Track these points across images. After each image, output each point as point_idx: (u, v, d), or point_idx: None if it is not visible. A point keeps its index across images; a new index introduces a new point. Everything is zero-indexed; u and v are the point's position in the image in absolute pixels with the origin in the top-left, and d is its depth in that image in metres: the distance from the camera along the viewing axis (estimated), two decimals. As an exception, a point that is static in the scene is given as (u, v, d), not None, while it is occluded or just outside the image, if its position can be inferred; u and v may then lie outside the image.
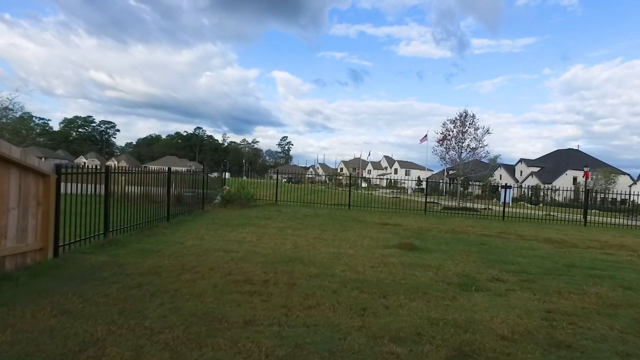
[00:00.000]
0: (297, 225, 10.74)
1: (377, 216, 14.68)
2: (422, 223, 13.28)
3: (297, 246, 7.90)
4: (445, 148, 22.41)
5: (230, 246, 7.53)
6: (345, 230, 10.45)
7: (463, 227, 12.63)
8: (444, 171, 67.20)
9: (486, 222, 15.20)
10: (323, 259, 6.84)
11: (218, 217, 11.71)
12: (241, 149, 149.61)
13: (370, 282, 5.59)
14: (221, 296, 4.62)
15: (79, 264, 5.69)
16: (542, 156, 74.39)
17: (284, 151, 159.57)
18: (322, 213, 14.36)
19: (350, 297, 4.87)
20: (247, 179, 29.18)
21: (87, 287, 4.64)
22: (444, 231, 11.33)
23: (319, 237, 9.12)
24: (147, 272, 5.42)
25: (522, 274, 6.42)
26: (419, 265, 6.81)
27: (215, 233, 8.94)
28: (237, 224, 10.46)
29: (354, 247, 8.16)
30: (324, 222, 11.92)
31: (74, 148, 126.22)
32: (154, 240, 7.74)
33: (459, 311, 4.51)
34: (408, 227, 11.72)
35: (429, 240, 9.47)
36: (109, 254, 6.35)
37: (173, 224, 9.91)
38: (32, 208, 5.47)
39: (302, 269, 6.11)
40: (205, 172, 14.31)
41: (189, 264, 6.00)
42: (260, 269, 5.93)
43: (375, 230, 10.79)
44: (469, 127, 21.76)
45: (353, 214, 15.04)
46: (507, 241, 9.99)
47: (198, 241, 7.89)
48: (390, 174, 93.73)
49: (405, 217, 15.17)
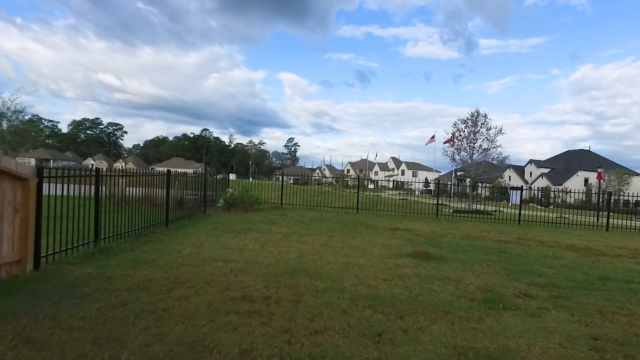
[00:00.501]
0: (303, 231, 10.14)
1: (387, 220, 14.04)
2: (434, 228, 12.63)
3: (303, 255, 7.31)
4: (457, 149, 21.71)
5: (231, 255, 6.96)
6: (354, 236, 9.84)
7: (478, 233, 11.95)
8: (452, 172, 66.55)
9: (501, 226, 14.49)
10: (331, 271, 6.25)
11: (220, 221, 11.15)
12: (248, 150, 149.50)
13: (384, 298, 4.98)
14: (215, 317, 4.04)
15: (61, 277, 5.15)
16: (552, 157, 73.10)
17: (290, 152, 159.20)
18: (330, 217, 13.76)
19: (362, 318, 4.27)
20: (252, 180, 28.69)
21: (63, 307, 4.08)
22: (459, 237, 10.67)
23: (327, 244, 8.53)
24: (135, 287, 4.87)
25: (552, 288, 5.76)
26: (437, 277, 6.18)
27: (215, 240, 8.38)
28: (240, 229, 9.89)
29: (365, 256, 7.55)
30: (332, 227, 11.31)
31: (82, 150, 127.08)
32: (148, 249, 7.19)
33: (488, 337, 3.89)
34: (420, 233, 11.08)
35: (444, 248, 8.83)
36: (97, 265, 5.80)
37: (172, 230, 9.37)
38: (7, 216, 4.94)
39: (308, 282, 5.52)
40: (207, 174, 13.75)
41: (183, 277, 5.43)
42: (261, 283, 5.35)
43: (386, 236, 10.16)
44: (480, 127, 21.07)
45: (362, 218, 14.41)
46: (528, 248, 9.31)
47: (196, 249, 7.33)
48: (397, 176, 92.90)
49: (416, 221, 14.52)
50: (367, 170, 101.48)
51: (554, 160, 70.28)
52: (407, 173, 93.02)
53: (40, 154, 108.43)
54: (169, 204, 9.95)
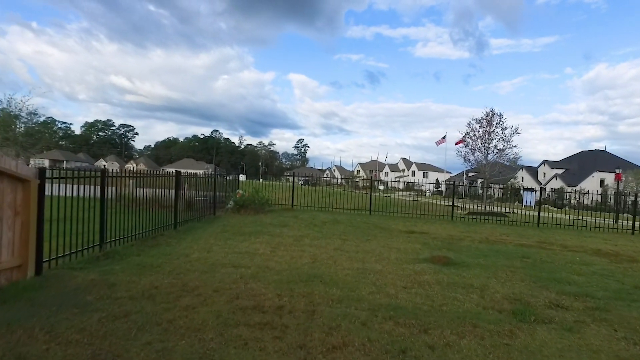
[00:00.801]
0: (316, 234, 9.80)
1: (401, 223, 13.63)
2: (450, 230, 12.19)
3: (316, 260, 6.97)
4: (471, 149, 21.13)
5: (241, 260, 6.65)
6: (368, 239, 9.47)
7: (497, 236, 11.49)
8: (463, 173, 65.68)
9: (520, 229, 13.98)
10: (346, 277, 5.90)
11: (230, 224, 10.87)
12: (257, 151, 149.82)
13: (405, 309, 4.62)
14: (224, 330, 3.73)
15: (63, 284, 4.88)
16: (566, 157, 71.73)
17: (300, 153, 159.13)
18: (342, 219, 13.40)
19: (383, 331, 3.92)
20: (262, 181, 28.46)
21: (61, 318, 3.80)
22: (477, 241, 10.23)
23: (340, 248, 8.17)
24: (139, 295, 4.57)
25: (586, 299, 5.33)
26: (459, 285, 5.80)
27: (225, 243, 8.08)
28: (250, 232, 9.59)
29: (381, 261, 7.18)
30: (345, 230, 10.96)
31: (95, 151, 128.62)
32: (155, 252, 6.91)
33: (525, 356, 3.51)
34: (437, 236, 10.66)
35: (463, 252, 8.42)
36: (101, 271, 5.53)
37: (180, 232, 9.11)
38: (7, 219, 4.69)
39: (323, 290, 5.18)
40: (216, 175, 13.49)
41: (190, 284, 5.14)
42: (273, 291, 5.03)
43: (401, 239, 9.78)
44: (495, 127, 20.47)
45: (375, 220, 14.02)
46: (552, 253, 8.84)
47: (205, 253, 7.04)
48: (408, 176, 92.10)
49: (431, 223, 14.08)
50: (377, 171, 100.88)
51: (568, 161, 68.95)
52: (417, 174, 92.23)
53: (54, 155, 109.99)
54: (177, 205, 9.69)
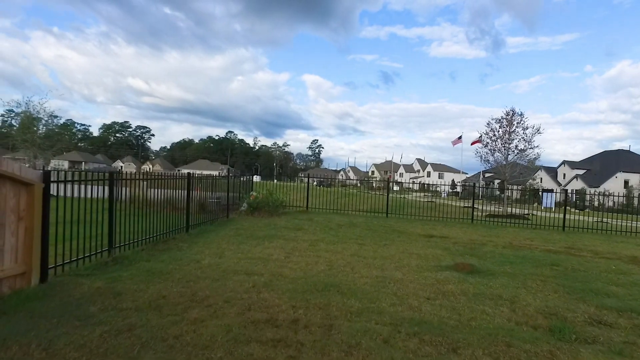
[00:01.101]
0: (332, 238, 9.46)
1: (420, 226, 13.18)
2: (471, 234, 11.70)
3: (333, 266, 6.62)
4: (490, 150, 20.51)
5: (254, 266, 6.35)
6: (386, 244, 9.08)
7: (521, 241, 10.95)
8: (480, 174, 64.42)
9: (544, 233, 13.37)
10: (365, 286, 5.54)
11: (243, 227, 10.61)
12: (272, 152, 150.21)
13: (430, 323, 4.24)
14: (235, 348, 3.42)
15: (67, 292, 4.64)
16: (587, 158, 69.86)
17: (314, 154, 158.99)
18: (358, 222, 13.02)
19: (408, 350, 3.56)
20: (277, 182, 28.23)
21: (61, 332, 3.55)
22: (501, 246, 9.74)
23: (357, 254, 7.81)
24: (146, 306, 4.30)
25: (631, 314, 4.86)
26: (487, 296, 5.38)
27: (237, 248, 7.81)
28: (264, 235, 9.30)
29: (401, 268, 6.80)
30: (362, 233, 10.58)
31: (112, 152, 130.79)
32: (166, 258, 6.67)
33: (571, 383, 3.10)
34: (458, 241, 10.20)
35: (487, 259, 7.96)
36: (108, 278, 5.29)
37: (192, 236, 8.87)
38: (10, 224, 4.47)
39: (341, 301, 4.84)
40: (229, 176, 13.24)
41: (200, 293, 4.85)
42: (287, 302, 4.71)
43: (420, 244, 9.36)
44: (516, 126, 19.82)
45: (392, 223, 13.60)
46: (584, 260, 8.31)
47: (217, 259, 6.76)
48: (423, 177, 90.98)
49: (450, 226, 13.59)
50: (392, 172, 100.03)
51: (590, 161, 67.12)
52: (432, 175, 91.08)
53: (73, 157, 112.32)
54: (189, 208, 9.46)
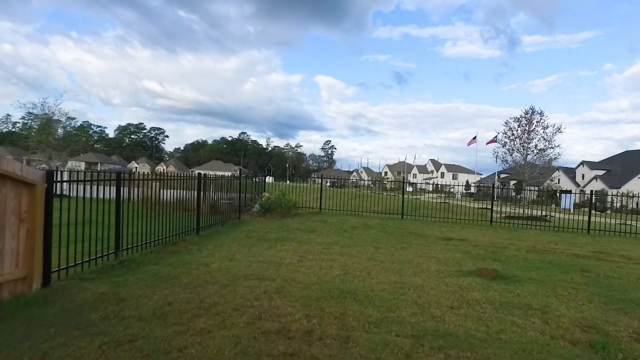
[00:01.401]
0: (346, 241, 9.12)
1: (437, 228, 12.74)
2: (491, 237, 11.23)
3: (348, 271, 6.29)
4: (508, 150, 19.89)
5: (265, 271, 6.06)
6: (403, 247, 8.70)
7: (545, 244, 10.45)
8: (495, 175, 63.24)
9: (568, 236, 12.80)
10: (383, 293, 5.20)
11: (255, 229, 10.35)
12: (284, 153, 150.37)
13: (455, 336, 3.89)
14: (243, 363, 3.13)
15: (69, 298, 4.41)
16: (607, 158, 68.06)
17: (327, 155, 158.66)
18: (373, 224, 12.66)
19: (434, 368, 3.22)
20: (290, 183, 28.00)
21: (58, 343, 3.30)
22: (524, 249, 9.27)
23: (374, 257, 7.46)
24: (149, 315, 4.04)
25: (678, 327, 4.42)
26: (515, 305, 4.99)
27: (249, 251, 7.54)
28: (276, 238, 9.02)
29: (420, 273, 6.43)
30: (377, 236, 10.21)
31: (127, 153, 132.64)
32: (174, 261, 6.42)
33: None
34: (478, 244, 9.76)
35: (511, 264, 7.53)
36: (113, 282, 5.05)
37: (203, 238, 8.64)
38: (11, 226, 4.26)
39: (358, 310, 4.51)
40: (242, 177, 12.99)
41: (208, 300, 4.58)
42: (300, 310, 4.40)
43: (439, 247, 8.96)
44: (536, 125, 19.19)
45: (408, 224, 13.19)
46: (616, 266, 7.81)
47: (227, 262, 6.49)
48: (437, 178, 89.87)
49: (469, 229, 13.12)
50: (405, 173, 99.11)
51: (610, 162, 65.38)
52: (446, 175, 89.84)
53: (90, 158, 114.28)
54: (200, 209, 9.23)
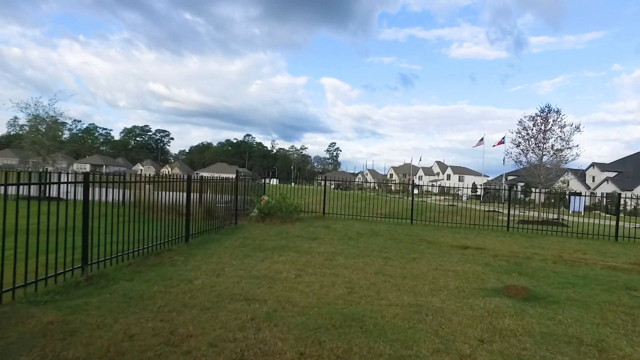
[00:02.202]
0: (351, 250, 8.20)
1: (450, 234, 11.77)
2: (511, 245, 10.25)
3: (353, 289, 5.38)
4: (522, 150, 18.81)
5: (256, 289, 5.16)
6: (415, 258, 7.76)
7: (571, 253, 9.46)
8: (502, 177, 62.00)
9: (595, 243, 11.70)
10: (396, 320, 4.27)
11: (251, 235, 9.46)
12: (289, 155, 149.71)
13: (494, 387, 2.95)
14: None
15: (3, 332, 3.54)
16: (618, 159, 66.62)
17: (332, 157, 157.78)
18: (380, 230, 11.72)
19: None
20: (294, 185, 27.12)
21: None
22: (551, 260, 8.29)
23: (383, 271, 6.53)
24: (101, 354, 3.15)
25: None
26: (560, 338, 4.04)
27: (241, 262, 6.65)
28: (273, 247, 8.13)
29: (438, 291, 5.49)
30: (385, 244, 9.27)
31: (132, 156, 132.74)
32: (152, 276, 5.54)
33: None
34: (497, 253, 8.79)
35: (540, 279, 6.57)
36: (69, 307, 4.17)
37: (191, 247, 7.77)
38: None
39: (365, 345, 3.60)
40: (238, 179, 12.09)
41: (181, 331, 3.69)
42: (294, 346, 3.50)
43: (455, 258, 8.01)
44: (552, 125, 18.13)
45: (418, 231, 12.22)
46: (661, 281, 6.82)
47: (213, 278, 5.61)
48: (443, 180, 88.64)
49: (484, 235, 12.13)
50: (411, 175, 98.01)
51: (622, 163, 63.96)
52: (452, 177, 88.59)
53: (95, 160, 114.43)
54: (189, 215, 8.36)
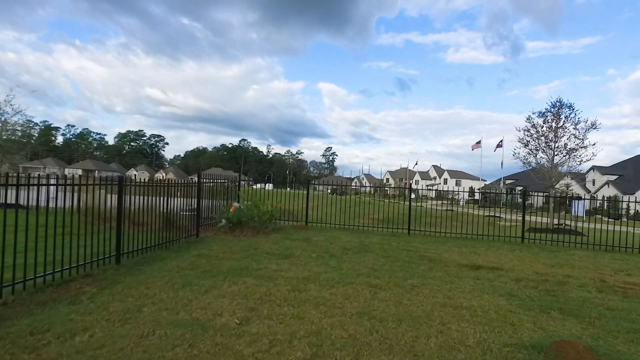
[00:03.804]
0: (330, 275, 6.23)
1: (455, 248, 9.78)
2: (532, 263, 8.31)
3: (320, 350, 3.43)
4: (531, 150, 16.92)
5: (167, 351, 3.23)
6: (415, 286, 5.80)
7: (612, 275, 7.41)
8: (500, 180, 60.20)
9: (634, 259, 9.55)
10: None
11: (209, 252, 7.52)
12: (285, 160, 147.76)
13: None
14: None
15: None
16: (618, 162, 65.19)
17: (328, 162, 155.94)
18: (372, 244, 9.75)
19: None
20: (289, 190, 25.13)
21: None
22: (592, 287, 6.33)
23: (369, 310, 4.56)
24: None
25: None
26: None
27: (174, 296, 4.72)
28: (229, 269, 6.19)
29: (452, 351, 3.56)
30: (376, 264, 7.31)
31: (127, 161, 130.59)
32: (25, 324, 3.60)
33: None
34: (519, 275, 6.87)
35: (594, 321, 4.63)
36: None
37: (121, 270, 5.83)
38: None
39: None
40: (201, 181, 10.02)
41: None
42: None
43: (468, 285, 6.06)
44: (564, 121, 16.34)
45: (417, 243, 10.22)
46: None
47: (115, 327, 3.67)
48: (440, 184, 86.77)
49: (496, 248, 10.14)
50: (407, 179, 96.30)
51: (622, 166, 62.51)
52: (450, 182, 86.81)
53: (87, 165, 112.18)
54: (120, 227, 6.41)
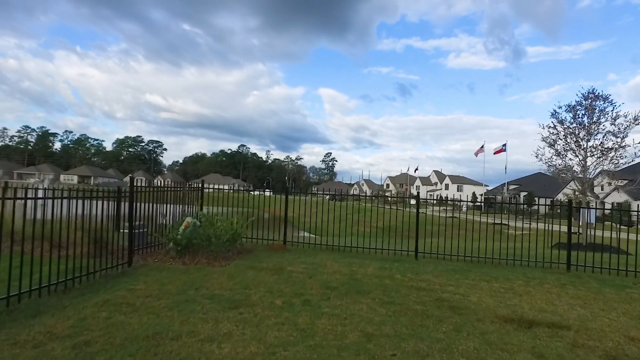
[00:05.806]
0: (293, 350, 3.68)
1: (483, 283, 7.10)
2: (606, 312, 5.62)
3: None
4: (558, 151, 14.27)
5: None
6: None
7: None
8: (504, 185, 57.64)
9: None
10: None
11: (128, 296, 5.01)
12: (284, 166, 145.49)
13: None
14: None
15: None
16: (628, 167, 62.39)
17: (328, 168, 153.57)
18: (367, 276, 7.11)
19: None
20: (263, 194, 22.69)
21: None
22: None
23: None
24: None
25: None
26: None
27: None
28: (130, 338, 3.67)
29: None
30: (372, 320, 4.69)
31: (125, 167, 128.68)
32: None
33: None
34: (605, 345, 4.32)
35: None
36: None
37: None
38: None
39: None
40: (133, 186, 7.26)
41: None
42: None
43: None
44: (600, 116, 13.49)
45: (429, 276, 7.45)
46: None
47: None
48: (441, 190, 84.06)
49: (538, 282, 7.42)
50: (408, 185, 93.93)
51: (632, 171, 59.80)
52: (451, 187, 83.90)
53: (83, 171, 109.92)
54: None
